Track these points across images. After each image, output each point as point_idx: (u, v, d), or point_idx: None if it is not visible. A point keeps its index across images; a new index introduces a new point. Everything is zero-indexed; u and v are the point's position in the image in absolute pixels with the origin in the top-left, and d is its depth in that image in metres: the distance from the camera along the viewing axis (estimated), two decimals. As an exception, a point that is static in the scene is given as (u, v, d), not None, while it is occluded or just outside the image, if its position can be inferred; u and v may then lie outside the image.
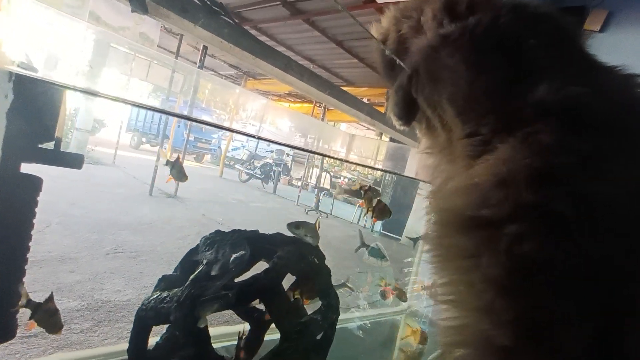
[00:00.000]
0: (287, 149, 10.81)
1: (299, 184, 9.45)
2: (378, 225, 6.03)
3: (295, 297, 0.87)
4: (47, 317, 0.80)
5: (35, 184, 0.52)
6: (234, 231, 0.89)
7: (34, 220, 0.63)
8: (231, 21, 0.65)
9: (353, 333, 1.37)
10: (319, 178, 9.60)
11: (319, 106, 9.09)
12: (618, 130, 0.41)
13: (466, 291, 0.42)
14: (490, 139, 0.45)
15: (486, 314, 0.39)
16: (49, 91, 0.57)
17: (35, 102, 0.55)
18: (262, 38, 5.83)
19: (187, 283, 0.75)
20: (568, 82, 0.43)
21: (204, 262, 0.79)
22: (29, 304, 0.78)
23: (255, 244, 0.88)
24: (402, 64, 0.63)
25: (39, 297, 2.13)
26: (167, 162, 0.96)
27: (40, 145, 0.57)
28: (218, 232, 0.88)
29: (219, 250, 0.82)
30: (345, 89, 6.01)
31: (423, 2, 0.64)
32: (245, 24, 5.26)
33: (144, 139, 11.54)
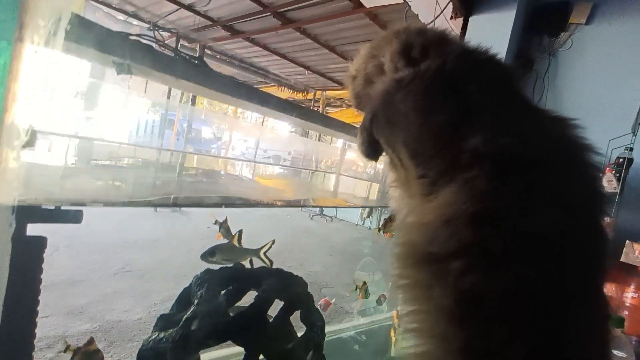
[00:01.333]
0: (284, 154, 10.86)
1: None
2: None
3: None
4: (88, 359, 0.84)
5: (41, 244, 0.56)
6: (222, 269, 0.95)
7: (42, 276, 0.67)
8: (209, 69, 0.69)
9: (347, 343, 1.42)
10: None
11: (317, 107, 9.14)
12: (541, 175, 0.46)
13: (425, 320, 0.46)
14: (437, 180, 0.50)
15: (441, 342, 0.44)
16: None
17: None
18: (255, 49, 5.89)
19: (181, 323, 0.80)
20: (500, 130, 0.48)
21: (195, 302, 0.84)
22: (68, 348, 0.82)
23: (242, 278, 0.94)
24: (362, 111, 0.70)
25: (51, 322, 2.17)
26: (216, 222, 1.06)
27: (43, 207, 0.62)
28: (207, 271, 0.94)
29: (209, 289, 0.87)
30: (340, 92, 6.05)
31: (385, 43, 0.69)
32: (237, 36, 5.32)
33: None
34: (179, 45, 5.81)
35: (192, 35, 5.74)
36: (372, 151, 0.65)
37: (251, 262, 1.04)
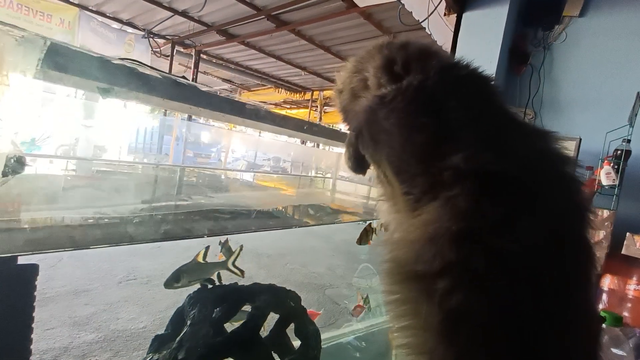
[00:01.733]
0: (283, 156, 10.87)
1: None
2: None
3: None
4: None
5: (32, 272, 0.56)
6: (214, 288, 0.95)
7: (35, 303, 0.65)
8: (196, 89, 0.69)
9: (346, 350, 1.42)
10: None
11: (315, 109, 9.15)
12: (522, 190, 0.46)
13: (415, 336, 0.47)
14: (421, 198, 0.50)
15: (430, 358, 0.44)
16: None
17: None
18: (251, 52, 5.90)
19: (174, 345, 0.81)
20: (481, 147, 0.48)
21: (189, 322, 0.85)
22: None
23: (235, 296, 0.94)
24: (347, 127, 0.72)
25: (57, 334, 2.18)
26: (220, 242, 1.07)
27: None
28: (200, 290, 0.94)
29: (202, 309, 0.87)
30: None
31: (368, 58, 0.69)
32: (232, 40, 5.32)
33: (145, 160, 11.66)
34: (175, 51, 5.82)
35: (187, 41, 5.76)
36: (358, 166, 0.66)
37: (219, 276, 1.02)
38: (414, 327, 0.47)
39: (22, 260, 0.56)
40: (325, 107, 8.99)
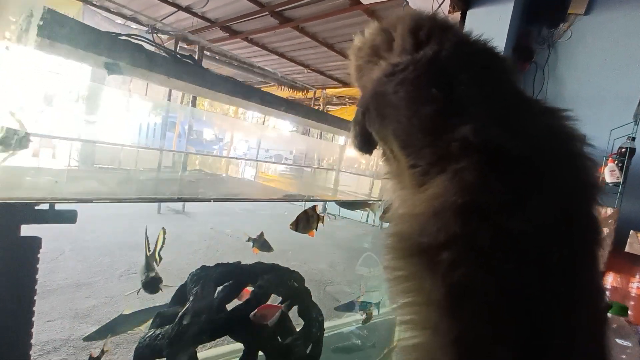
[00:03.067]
0: (286, 153, 10.86)
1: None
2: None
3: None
4: None
5: (35, 244, 0.56)
6: (217, 265, 0.95)
7: (37, 276, 0.67)
8: (201, 68, 0.69)
9: (350, 338, 1.42)
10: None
11: (317, 106, 9.13)
12: (530, 166, 0.45)
13: (418, 312, 0.47)
14: (428, 170, 0.49)
15: (434, 334, 0.44)
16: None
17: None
18: (254, 49, 5.89)
19: (176, 320, 0.81)
20: (491, 121, 0.47)
21: (191, 298, 0.85)
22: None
23: (238, 275, 0.94)
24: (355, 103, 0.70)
25: (57, 326, 2.18)
26: (249, 239, 1.10)
27: (36, 207, 0.62)
28: (203, 267, 0.94)
29: (205, 286, 0.87)
30: (340, 90, 6.04)
31: (398, 21, 0.68)
32: (236, 36, 5.32)
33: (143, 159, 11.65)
34: (178, 47, 5.82)
35: (190, 37, 5.75)
36: (365, 144, 0.65)
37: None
38: (417, 302, 0.47)
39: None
40: (327, 106, 8.98)
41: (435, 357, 0.43)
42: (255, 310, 0.90)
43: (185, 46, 6.05)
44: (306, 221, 1.24)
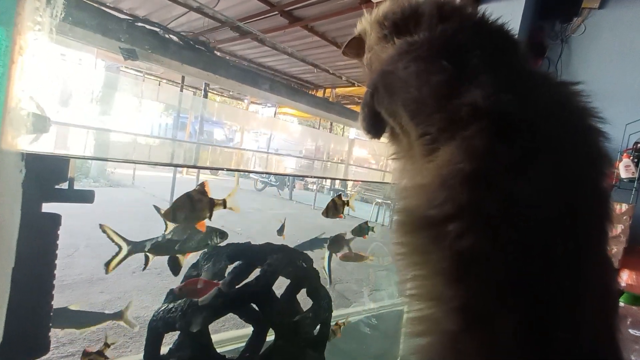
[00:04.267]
0: (295, 153, 10.90)
1: (315, 187, 9.50)
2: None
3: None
4: None
5: (55, 220, 0.59)
6: (228, 245, 0.97)
7: (57, 251, 0.70)
8: (213, 55, 0.70)
9: (358, 327, 1.42)
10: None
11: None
12: (539, 135, 0.45)
13: (424, 285, 0.47)
14: (438, 137, 0.49)
15: (439, 304, 0.44)
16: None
17: (46, 166, 0.62)
18: (264, 48, 5.92)
19: None
20: (501, 88, 0.47)
21: (203, 274, 0.87)
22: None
23: (248, 254, 0.95)
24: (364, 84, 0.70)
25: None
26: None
27: (56, 186, 0.65)
28: (215, 247, 0.96)
29: (216, 263, 0.89)
30: (349, 89, 6.02)
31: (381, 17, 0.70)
32: (245, 36, 5.36)
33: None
34: (189, 47, 5.89)
35: (201, 38, 5.82)
36: (374, 126, 0.65)
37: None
38: (423, 276, 0.47)
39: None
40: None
41: (441, 326, 0.43)
42: (184, 283, 0.87)
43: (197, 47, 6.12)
44: (334, 209, 1.28)
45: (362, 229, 1.57)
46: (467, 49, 0.53)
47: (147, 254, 0.94)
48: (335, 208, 1.30)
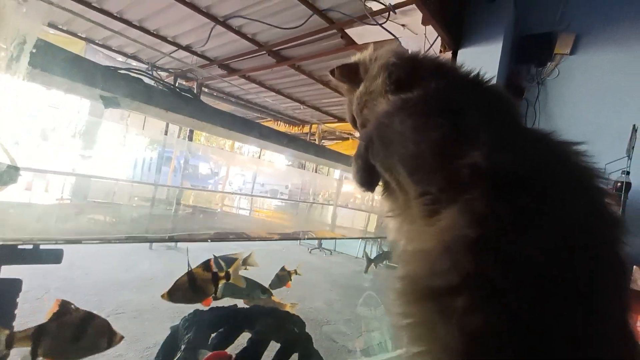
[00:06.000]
0: (281, 188, 10.84)
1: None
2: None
3: None
4: None
5: (15, 286, 0.53)
6: (211, 310, 0.90)
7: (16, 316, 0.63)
8: (200, 102, 0.68)
9: None
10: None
11: (313, 140, 9.25)
12: (546, 195, 0.44)
13: None
14: (439, 198, 0.47)
15: None
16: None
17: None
18: (252, 85, 6.04)
19: None
20: (501, 147, 0.46)
21: (183, 347, 0.80)
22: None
23: (234, 319, 0.88)
24: (357, 136, 0.69)
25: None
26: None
27: (19, 246, 0.59)
28: (196, 312, 0.89)
29: (198, 332, 0.82)
30: (336, 125, 6.13)
31: (400, 55, 0.69)
32: (233, 74, 5.46)
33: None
34: (177, 83, 5.96)
35: (189, 74, 5.90)
36: (368, 179, 0.63)
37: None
38: (430, 351, 0.43)
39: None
40: (323, 141, 9.10)
41: None
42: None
43: (184, 83, 6.20)
44: (278, 281, 1.27)
45: (281, 279, 1.51)
46: (463, 106, 0.53)
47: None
48: (279, 280, 1.23)
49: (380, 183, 0.63)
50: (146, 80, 0.58)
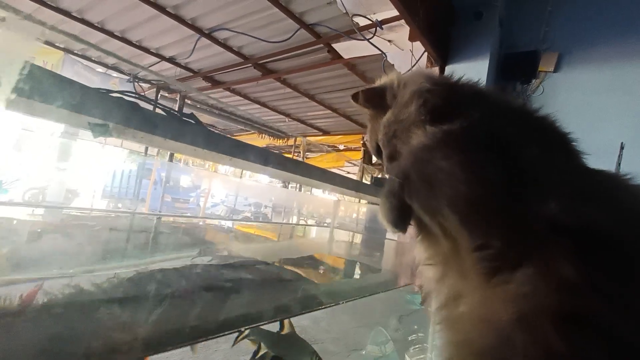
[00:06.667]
0: (264, 202, 10.73)
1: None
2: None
3: None
4: None
5: None
6: None
7: None
8: (202, 128, 0.63)
9: None
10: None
11: (297, 155, 9.20)
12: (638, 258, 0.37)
13: None
14: (504, 254, 0.40)
15: None
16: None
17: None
18: (236, 97, 5.97)
19: None
20: (577, 197, 0.41)
21: None
22: None
23: None
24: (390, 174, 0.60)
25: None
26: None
27: None
28: None
29: None
30: (320, 138, 6.12)
31: (433, 81, 0.63)
32: (218, 86, 5.39)
33: (119, 205, 11.24)
34: (159, 96, 5.83)
35: (172, 86, 5.79)
36: (402, 219, 0.54)
37: None
38: None
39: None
40: (307, 154, 9.07)
41: None
42: None
43: (167, 95, 6.08)
44: None
45: None
46: (518, 141, 0.47)
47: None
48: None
49: (413, 222, 0.56)
50: (142, 103, 0.53)
